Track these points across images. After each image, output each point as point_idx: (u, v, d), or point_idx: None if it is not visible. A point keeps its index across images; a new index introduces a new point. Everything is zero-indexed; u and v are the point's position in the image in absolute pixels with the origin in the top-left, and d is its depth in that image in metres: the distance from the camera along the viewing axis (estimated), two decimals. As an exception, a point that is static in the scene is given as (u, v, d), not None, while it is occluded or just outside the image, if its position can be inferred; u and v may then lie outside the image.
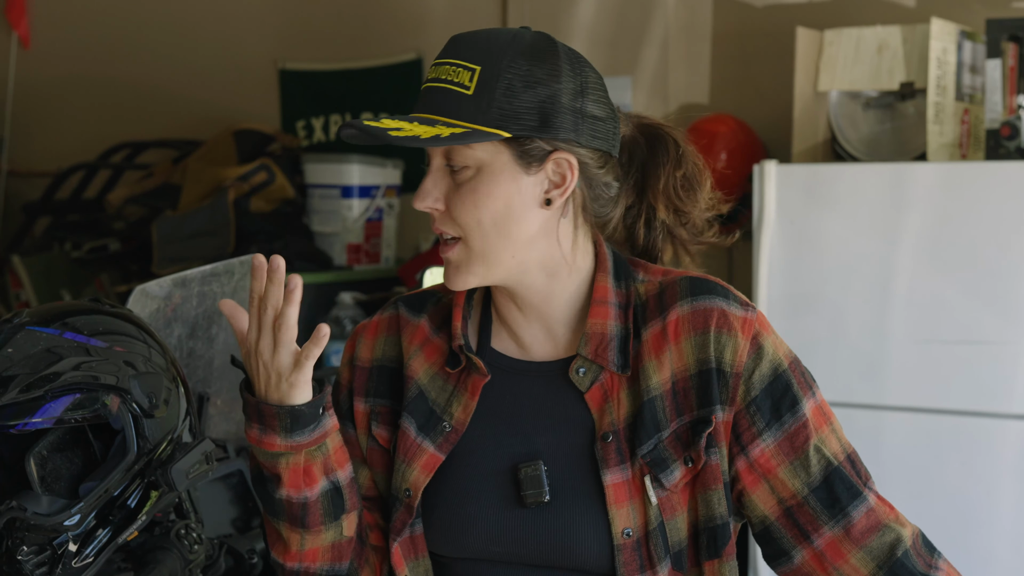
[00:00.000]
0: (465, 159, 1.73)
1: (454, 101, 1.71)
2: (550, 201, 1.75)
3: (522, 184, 1.73)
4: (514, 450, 1.78)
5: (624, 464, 1.75)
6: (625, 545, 1.73)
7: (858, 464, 1.79)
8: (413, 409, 1.83)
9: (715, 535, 1.76)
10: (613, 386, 1.77)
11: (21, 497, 1.85)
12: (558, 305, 1.81)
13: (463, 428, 1.80)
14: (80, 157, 5.02)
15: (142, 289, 2.21)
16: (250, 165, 4.34)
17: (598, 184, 1.79)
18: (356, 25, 4.78)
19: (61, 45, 5.37)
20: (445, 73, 1.73)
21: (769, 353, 1.76)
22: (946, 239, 3.19)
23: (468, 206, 1.73)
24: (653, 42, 4.19)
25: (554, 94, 1.72)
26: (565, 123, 1.72)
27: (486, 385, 1.82)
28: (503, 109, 1.70)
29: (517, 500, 1.76)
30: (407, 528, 1.81)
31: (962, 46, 3.39)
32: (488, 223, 1.73)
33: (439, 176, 1.76)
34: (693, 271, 1.85)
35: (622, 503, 1.74)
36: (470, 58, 1.72)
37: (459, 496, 1.79)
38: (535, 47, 1.73)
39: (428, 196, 1.76)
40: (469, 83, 1.71)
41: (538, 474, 1.75)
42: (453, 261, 1.77)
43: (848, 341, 3.29)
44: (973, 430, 3.17)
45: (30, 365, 1.84)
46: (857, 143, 3.60)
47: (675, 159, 1.86)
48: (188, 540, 2.02)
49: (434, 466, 1.80)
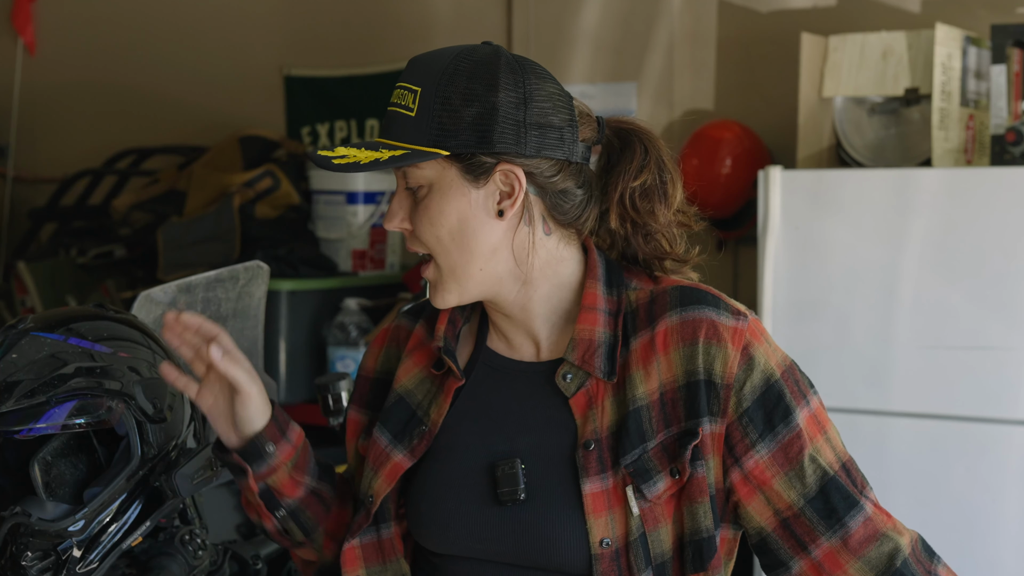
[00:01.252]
0: (418, 179, 1.77)
1: (400, 124, 1.75)
2: (502, 212, 1.76)
3: (472, 198, 1.75)
4: (495, 448, 1.80)
5: (605, 473, 1.74)
6: (603, 555, 1.73)
7: (854, 472, 1.78)
8: (388, 417, 1.86)
9: (700, 548, 1.74)
10: (599, 393, 1.77)
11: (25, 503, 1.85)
12: (538, 312, 1.82)
13: (436, 429, 1.83)
14: (86, 163, 5.02)
15: (147, 295, 2.21)
16: (255, 171, 4.34)
17: (553, 192, 1.78)
18: (362, 32, 4.78)
19: (66, 52, 5.37)
20: (397, 96, 1.77)
21: (760, 363, 1.75)
22: (951, 245, 3.19)
23: (425, 224, 1.77)
24: (658, 48, 4.19)
25: (492, 107, 1.73)
26: (505, 136, 1.73)
27: (475, 383, 1.84)
28: (443, 127, 1.73)
29: (495, 497, 1.77)
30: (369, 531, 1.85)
31: (967, 52, 3.39)
32: (447, 238, 1.76)
33: (403, 197, 1.80)
34: (687, 280, 1.84)
35: (600, 512, 1.74)
36: (415, 80, 1.75)
37: (440, 492, 1.81)
38: (477, 62, 1.75)
39: (395, 217, 1.80)
40: (412, 105, 1.74)
41: (515, 472, 1.76)
42: (431, 281, 1.81)
43: (853, 347, 3.28)
44: (979, 436, 3.17)
45: (35, 371, 1.84)
46: (862, 149, 3.60)
47: (637, 168, 1.81)
48: (192, 546, 2.02)
49: (397, 474, 1.82)
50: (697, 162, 3.84)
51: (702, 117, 4.09)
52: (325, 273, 4.26)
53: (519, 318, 1.82)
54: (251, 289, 2.41)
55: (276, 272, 3.99)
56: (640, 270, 1.85)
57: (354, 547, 1.84)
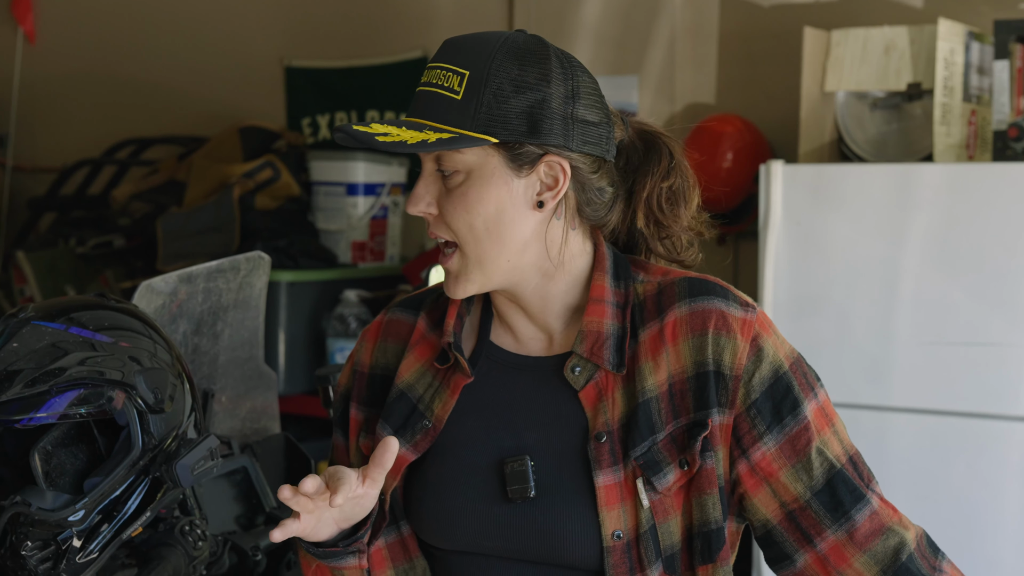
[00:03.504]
0: (455, 164, 1.73)
1: (443, 106, 1.71)
2: (542, 203, 1.75)
3: (513, 187, 1.73)
4: (502, 444, 1.78)
5: (616, 465, 1.74)
6: (615, 547, 1.72)
7: (861, 466, 1.78)
8: (390, 412, 1.84)
9: (709, 540, 1.74)
10: (608, 385, 1.76)
11: (26, 492, 1.85)
12: (554, 305, 1.81)
13: (441, 425, 1.81)
14: (85, 153, 5.02)
15: (147, 285, 2.21)
16: (255, 162, 4.33)
17: (591, 189, 1.78)
18: (362, 23, 4.78)
19: (66, 41, 5.37)
20: (436, 77, 1.72)
21: (769, 355, 1.75)
22: (953, 240, 3.18)
23: (460, 211, 1.73)
24: (659, 42, 4.18)
25: (544, 99, 1.71)
26: (555, 128, 1.72)
27: (480, 379, 1.82)
28: (492, 114, 1.70)
29: (503, 495, 1.76)
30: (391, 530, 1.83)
31: (970, 47, 3.38)
32: (480, 227, 1.73)
33: (431, 181, 1.76)
34: (693, 272, 1.84)
35: (613, 505, 1.73)
36: (460, 62, 1.71)
37: (446, 489, 1.79)
38: (526, 51, 1.73)
39: (420, 201, 1.76)
40: (458, 88, 1.70)
41: (524, 469, 1.75)
42: (452, 271, 1.77)
43: (854, 342, 3.28)
44: (979, 432, 3.16)
45: (35, 360, 1.83)
46: (864, 144, 3.59)
47: (665, 170, 1.84)
48: (192, 536, 2.02)
49: (401, 467, 1.80)
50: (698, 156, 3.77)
51: (704, 111, 4.09)
52: (325, 264, 4.26)
53: (536, 311, 1.81)
54: (252, 280, 2.40)
55: (276, 263, 3.98)
56: (645, 261, 1.85)
57: (380, 548, 1.83)
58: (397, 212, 4.43)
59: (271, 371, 2.53)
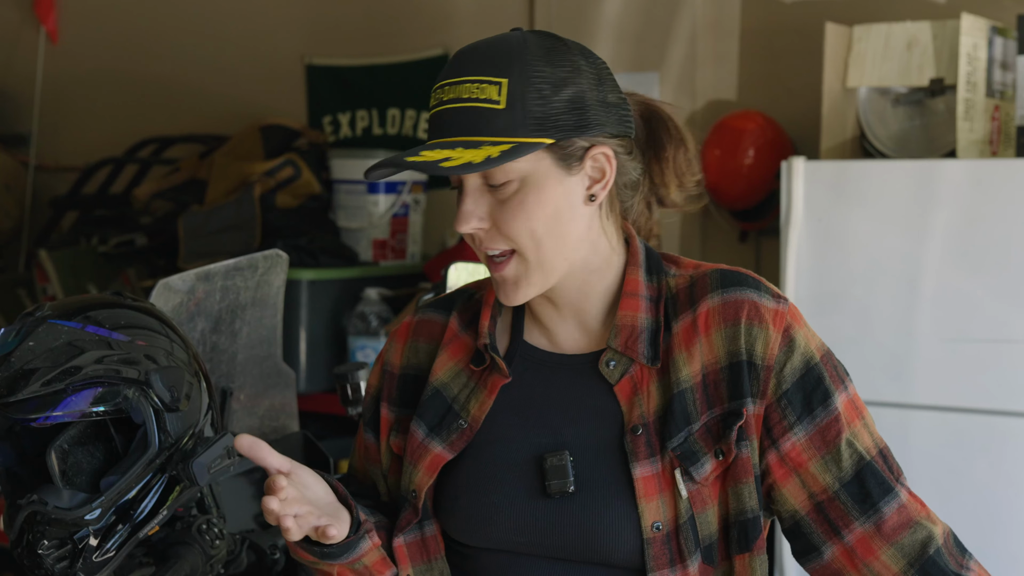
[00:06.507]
0: (508, 174, 1.72)
1: (486, 118, 1.69)
2: (593, 197, 1.75)
3: (567, 186, 1.73)
4: (540, 441, 1.78)
5: (654, 457, 1.74)
6: (655, 539, 1.72)
7: (890, 459, 1.78)
8: (425, 410, 1.84)
9: (746, 529, 1.75)
10: (643, 379, 1.76)
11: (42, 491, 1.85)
12: (593, 300, 1.81)
13: (477, 425, 1.81)
14: (107, 152, 5.03)
15: (165, 283, 2.21)
16: (276, 160, 4.33)
17: (627, 171, 1.80)
18: (383, 20, 4.78)
19: (89, 40, 5.38)
20: (467, 92, 1.70)
21: (801, 346, 1.75)
22: (975, 237, 3.16)
23: (520, 219, 1.72)
24: (680, 38, 4.17)
25: (580, 91, 1.72)
26: (597, 117, 1.73)
27: (515, 377, 1.82)
28: (538, 116, 1.69)
29: (542, 490, 1.76)
30: (413, 528, 1.82)
31: (993, 42, 3.36)
32: (542, 231, 1.73)
33: (478, 195, 1.74)
34: (724, 264, 1.85)
35: (652, 496, 1.73)
36: (492, 72, 1.70)
37: (483, 485, 1.79)
38: (549, 47, 1.73)
39: (472, 217, 1.74)
40: (498, 97, 1.69)
41: (564, 464, 1.75)
42: (510, 278, 1.76)
43: (875, 339, 3.27)
44: (1001, 429, 3.15)
45: (52, 358, 1.83)
46: (886, 140, 3.58)
47: (678, 138, 1.86)
48: (209, 535, 2.02)
49: (438, 465, 1.80)
50: (719, 153, 3.82)
51: (725, 107, 4.07)
52: (345, 262, 4.26)
53: (577, 306, 1.81)
54: (270, 278, 2.40)
55: (296, 261, 3.99)
56: (676, 256, 1.86)
57: (400, 545, 1.83)
58: (418, 210, 4.43)
59: (289, 369, 2.53)
